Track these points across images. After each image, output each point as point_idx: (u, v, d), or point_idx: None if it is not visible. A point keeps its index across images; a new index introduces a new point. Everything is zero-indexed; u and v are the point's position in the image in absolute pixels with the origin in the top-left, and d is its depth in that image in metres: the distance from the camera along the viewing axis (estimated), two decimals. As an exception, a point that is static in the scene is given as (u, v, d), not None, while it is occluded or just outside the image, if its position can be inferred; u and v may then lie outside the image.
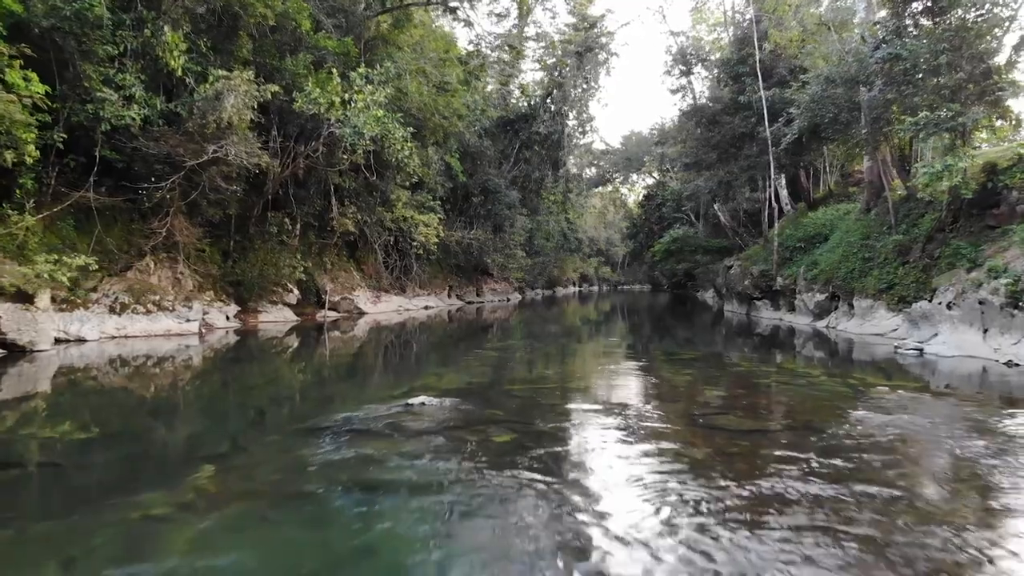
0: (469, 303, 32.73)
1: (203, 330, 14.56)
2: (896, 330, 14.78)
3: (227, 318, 16.65)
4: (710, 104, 22.74)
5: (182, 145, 13.76)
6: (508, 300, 38.21)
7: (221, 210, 16.21)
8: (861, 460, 4.46)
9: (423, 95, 19.48)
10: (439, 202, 25.66)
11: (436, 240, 22.22)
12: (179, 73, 14.06)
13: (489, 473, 4.01)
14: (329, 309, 20.46)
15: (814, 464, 4.30)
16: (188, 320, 14.29)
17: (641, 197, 52.47)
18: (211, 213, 15.12)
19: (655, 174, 55.25)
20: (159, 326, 13.91)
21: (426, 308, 26.79)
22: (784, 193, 27.69)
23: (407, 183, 22.09)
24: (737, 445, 4.88)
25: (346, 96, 14.72)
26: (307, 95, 14.30)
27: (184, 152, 13.63)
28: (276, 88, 13.66)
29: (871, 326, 15.63)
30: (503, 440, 4.85)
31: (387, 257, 25.56)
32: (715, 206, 30.60)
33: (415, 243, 21.79)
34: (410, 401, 6.16)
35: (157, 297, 14.20)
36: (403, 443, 4.70)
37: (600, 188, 66.26)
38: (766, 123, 20.72)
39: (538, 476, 3.95)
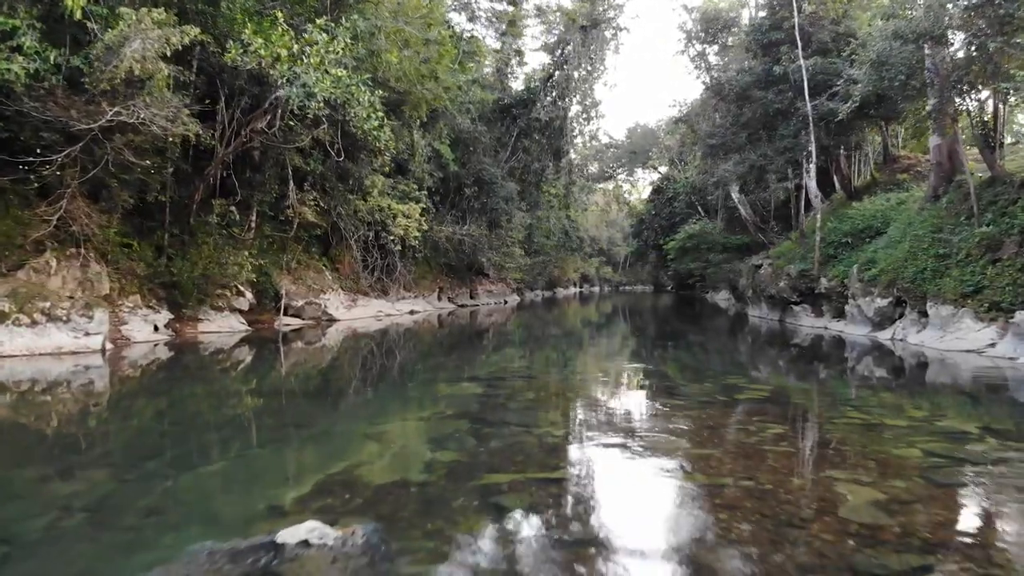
0: (462, 306, 29.55)
1: (107, 346, 11.35)
2: (993, 345, 11.64)
3: (155, 328, 13.47)
4: (738, 77, 19.58)
5: (77, 107, 10.58)
6: (505, 302, 35.04)
7: (143, 193, 13.04)
8: None
9: (402, 62, 16.29)
10: (425, 192, 22.47)
11: (417, 234, 19.02)
12: (78, 16, 10.86)
13: None
14: (292, 315, 17.27)
15: None
16: (88, 334, 11.09)
17: (649, 191, 49.15)
18: (123, 197, 11.92)
19: (661, 168, 52.07)
20: (47, 342, 10.71)
21: (412, 313, 23.60)
22: (812, 184, 24.60)
23: (386, 168, 18.91)
24: None
25: (296, 49, 11.52)
26: (242, 46, 11.11)
27: (78, 116, 10.45)
28: (197, 31, 10.46)
29: (955, 339, 12.46)
30: None
31: (367, 255, 22.37)
32: (735, 198, 27.48)
33: (392, 237, 18.56)
34: (281, 539, 2.99)
35: (47, 304, 10.99)
36: None
37: (603, 184, 63.22)
38: (807, 97, 17.56)
39: None
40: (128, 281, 13.72)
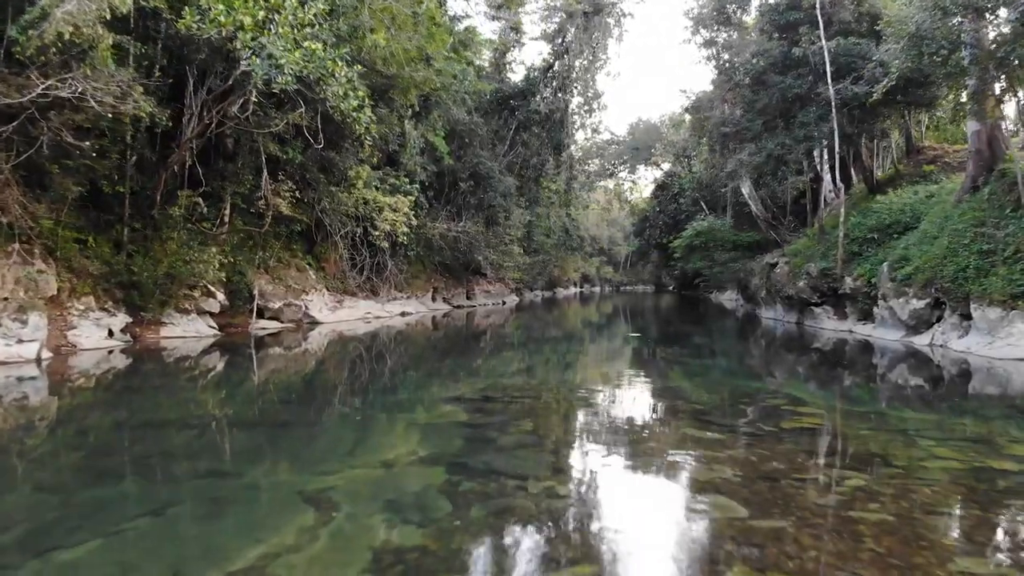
0: (458, 307, 28.14)
1: (45, 354, 9.96)
2: (1053, 354, 10.32)
3: (109, 333, 12.06)
4: (753, 60, 18.19)
5: (7, 81, 9.17)
6: (504, 303, 33.64)
7: (95, 182, 11.67)
8: None
9: (389, 42, 14.88)
10: (418, 186, 21.04)
11: (406, 230, 17.58)
12: (10, -22, 9.47)
13: None
14: (269, 318, 15.87)
15: None
16: (21, 341, 9.69)
17: (652, 189, 47.64)
18: (66, 185, 10.52)
19: (664, 165, 50.65)
20: (-27, 351, 9.32)
21: (403, 314, 22.21)
22: (835, 175, 23.22)
23: (374, 159, 17.50)
24: None
25: (261, 16, 10.10)
26: (199, 12, 9.69)
27: (7, 91, 9.05)
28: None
29: (1007, 346, 11.08)
30: None
31: (355, 253, 20.97)
32: (745, 193, 26.10)
33: (379, 233, 17.13)
34: None
35: (-26, 308, 9.60)
36: None
37: (604, 182, 61.87)
38: (829, 81, 16.16)
39: None
40: (80, 281, 12.31)
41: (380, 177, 17.83)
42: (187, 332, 13.47)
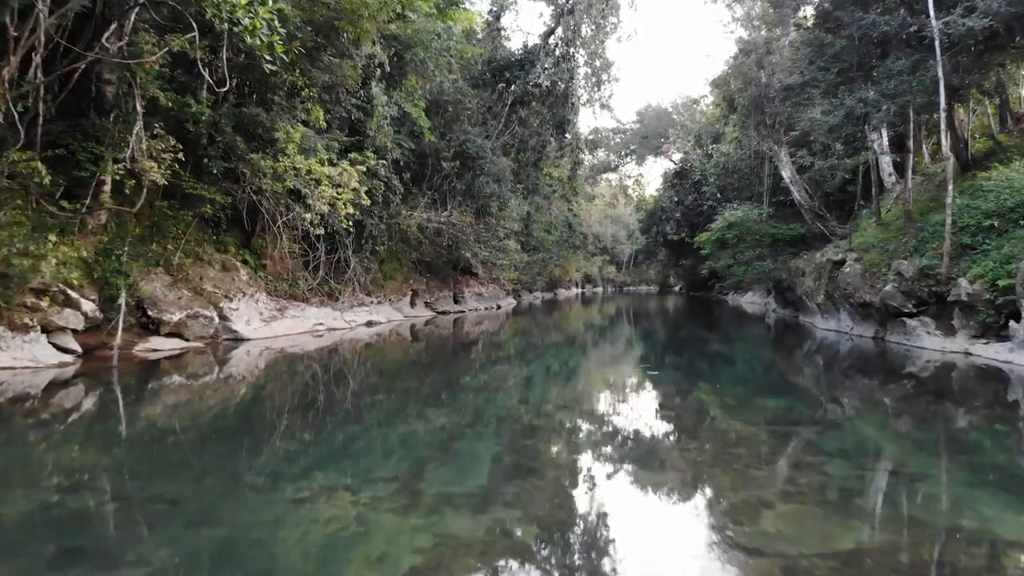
0: (442, 313, 23.78)
1: None
2: None
3: None
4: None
5: None
6: (498, 307, 29.31)
7: None
8: None
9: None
10: (385, 163, 16.69)
11: (351, 211, 13.14)
12: None
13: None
14: (167, 334, 11.50)
15: None
16: None
17: (670, 176, 43.06)
18: None
19: (675, 156, 46.28)
20: None
21: (370, 324, 17.88)
22: (885, 162, 19.05)
23: (318, 120, 13.12)
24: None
25: None
26: None
27: None
28: None
29: None
30: None
31: (310, 248, 16.68)
32: (786, 177, 21.83)
33: (311, 216, 12.77)
34: None
35: None
36: None
37: (608, 175, 57.63)
38: (931, 11, 11.88)
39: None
40: None
41: (326, 145, 13.40)
42: (18, 360, 9.09)
